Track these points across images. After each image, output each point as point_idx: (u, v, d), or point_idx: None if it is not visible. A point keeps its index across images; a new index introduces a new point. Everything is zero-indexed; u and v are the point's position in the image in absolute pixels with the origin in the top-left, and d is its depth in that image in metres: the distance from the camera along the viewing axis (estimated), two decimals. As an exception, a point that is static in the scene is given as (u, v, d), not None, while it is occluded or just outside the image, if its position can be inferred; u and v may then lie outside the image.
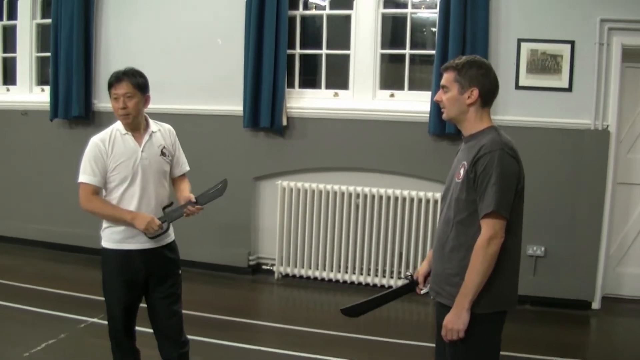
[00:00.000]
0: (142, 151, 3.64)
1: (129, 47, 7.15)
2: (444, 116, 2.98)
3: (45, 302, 5.78)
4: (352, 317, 3.40)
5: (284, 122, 6.61)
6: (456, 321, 2.76)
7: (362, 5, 6.55)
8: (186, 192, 3.88)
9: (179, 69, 6.97)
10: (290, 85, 6.83)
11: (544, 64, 5.98)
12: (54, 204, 7.61)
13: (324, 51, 6.82)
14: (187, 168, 4.03)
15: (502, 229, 2.71)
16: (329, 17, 6.81)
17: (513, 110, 5.98)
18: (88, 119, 7.28)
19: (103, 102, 7.21)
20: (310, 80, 7.00)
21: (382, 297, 3.28)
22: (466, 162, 2.81)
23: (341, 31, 6.75)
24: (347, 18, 6.66)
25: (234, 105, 6.73)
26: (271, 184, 6.84)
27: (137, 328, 3.81)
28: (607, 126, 5.94)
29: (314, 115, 6.66)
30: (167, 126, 3.92)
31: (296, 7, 6.79)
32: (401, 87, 6.58)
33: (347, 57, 6.69)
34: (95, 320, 5.35)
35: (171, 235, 3.87)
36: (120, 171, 3.59)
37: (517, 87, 6.03)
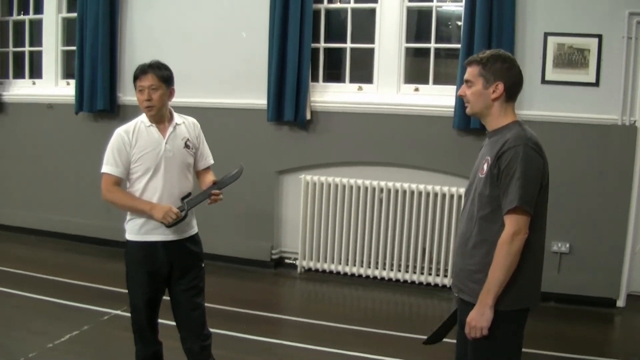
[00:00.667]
0: (165, 143, 3.66)
1: (154, 40, 7.17)
2: (468, 111, 2.95)
3: (68, 294, 5.83)
4: (435, 344, 3.32)
5: (308, 116, 6.59)
6: (480, 319, 2.74)
7: (387, -2, 6.52)
8: (208, 181, 3.89)
9: (203, 62, 6.98)
10: (315, 79, 6.81)
11: (571, 58, 5.91)
12: (78, 197, 7.67)
13: (349, 45, 6.80)
14: (212, 161, 4.04)
15: (526, 225, 2.68)
16: (354, 10, 6.78)
17: (539, 105, 5.92)
18: (113, 112, 7.32)
19: (128, 95, 7.25)
20: (334, 74, 6.98)
21: (452, 316, 3.19)
22: (490, 157, 2.78)
23: (366, 25, 6.72)
24: (372, 11, 6.63)
25: (258, 98, 6.73)
26: (295, 178, 6.84)
27: (159, 320, 3.82)
28: (635, 121, 5.86)
29: (337, 109, 6.63)
30: (192, 119, 3.95)
31: (321, 1, 6.77)
32: (426, 82, 6.54)
33: (372, 50, 6.65)
34: (118, 312, 5.39)
35: (194, 228, 3.88)
36: (143, 162, 3.61)
37: (543, 81, 5.96)
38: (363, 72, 6.76)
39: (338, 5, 6.93)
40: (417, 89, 6.52)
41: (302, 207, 6.71)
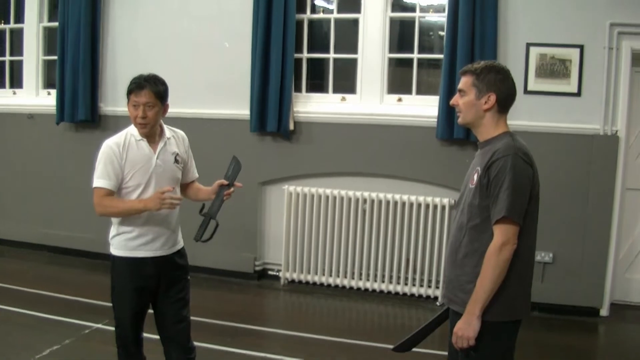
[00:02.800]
0: (156, 158, 3.61)
1: (136, 50, 7.15)
2: (460, 120, 2.95)
3: (49, 307, 5.77)
4: (404, 352, 3.31)
5: (291, 127, 6.58)
6: (467, 328, 2.72)
7: (370, 9, 6.53)
8: (204, 188, 3.94)
9: (186, 72, 6.94)
10: (298, 89, 6.81)
11: (553, 69, 5.94)
12: (58, 208, 7.61)
13: (332, 55, 6.80)
14: (197, 175, 4.03)
15: (515, 235, 2.68)
16: (337, 20, 6.79)
17: (522, 115, 5.92)
18: (94, 122, 7.26)
19: (109, 105, 7.22)
20: (317, 85, 6.98)
21: (426, 327, 3.16)
22: (479, 167, 2.78)
23: (349, 35, 6.73)
24: (355, 22, 6.64)
25: (241, 109, 6.71)
26: (278, 189, 6.81)
27: (143, 335, 3.78)
28: (617, 131, 5.90)
29: (321, 119, 6.63)
30: (181, 133, 3.88)
31: (304, 11, 6.77)
32: (409, 92, 6.55)
33: (355, 61, 6.66)
34: (100, 325, 5.34)
35: (180, 242, 3.87)
36: (134, 178, 3.55)
37: (526, 91, 5.98)
38: (346, 82, 6.77)
39: (321, 15, 6.93)
40: (400, 99, 6.52)
41: (285, 218, 6.68)
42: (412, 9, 6.59)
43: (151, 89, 3.55)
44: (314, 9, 6.89)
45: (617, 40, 5.84)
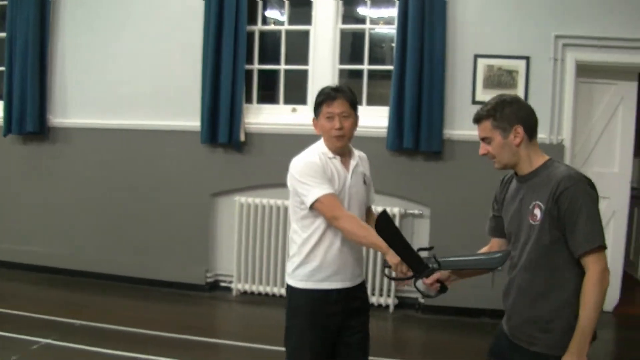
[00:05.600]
0: (350, 178, 3.31)
1: (86, 62, 7.09)
2: (497, 166, 2.86)
3: (-4, 323, 5.66)
4: (385, 225, 2.86)
5: (242, 138, 6.56)
6: None
7: (320, 21, 6.57)
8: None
9: (136, 84, 6.90)
10: (249, 100, 6.80)
11: (500, 79, 6.04)
12: (4, 221, 7.47)
13: (283, 66, 6.82)
14: (374, 200, 3.68)
15: (606, 260, 2.60)
16: (288, 32, 6.81)
17: (470, 125, 5.92)
18: (43, 134, 7.14)
19: (59, 117, 7.14)
20: (268, 96, 6.98)
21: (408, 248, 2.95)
22: (540, 201, 2.67)
23: (300, 47, 6.75)
24: (306, 33, 6.67)
25: (192, 120, 6.68)
26: (229, 200, 6.79)
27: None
28: (562, 140, 6.02)
29: (272, 130, 6.63)
30: (363, 154, 3.56)
31: (255, 22, 6.78)
32: (360, 103, 6.57)
33: (306, 72, 6.69)
34: (49, 341, 5.23)
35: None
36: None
37: (474, 102, 6.07)
38: (297, 93, 6.78)
39: (272, 27, 6.95)
40: (351, 110, 6.56)
41: (237, 230, 6.66)
42: (362, 21, 6.65)
43: (345, 98, 3.28)
44: (265, 21, 6.90)
45: (562, 52, 5.98)
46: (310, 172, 3.20)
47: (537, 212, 2.67)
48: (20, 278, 7.15)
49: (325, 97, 3.28)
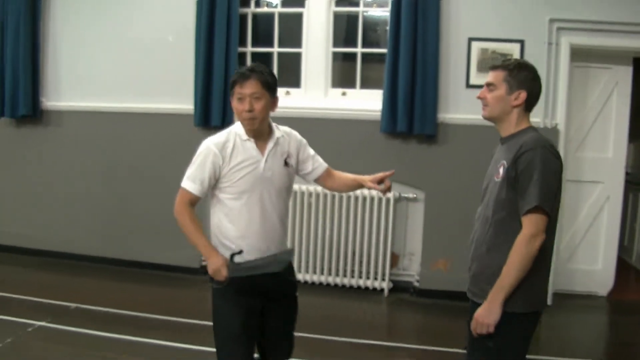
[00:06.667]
0: (265, 161, 3.24)
1: (79, 44, 7.05)
2: (485, 114, 2.98)
3: (-10, 306, 5.65)
4: None
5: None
6: (487, 315, 2.74)
7: (314, 3, 6.55)
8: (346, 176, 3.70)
9: (129, 67, 6.88)
10: (242, 83, 6.76)
11: (494, 63, 6.01)
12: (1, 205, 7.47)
13: (276, 49, 6.79)
14: (325, 165, 3.72)
15: (544, 227, 2.69)
16: (281, 15, 6.78)
17: (464, 108, 6.03)
18: (36, 117, 7.11)
19: (52, 100, 7.11)
20: (262, 79, 6.93)
21: None
22: (506, 160, 2.79)
23: (293, 29, 6.72)
24: (299, 16, 6.64)
25: (185, 103, 6.66)
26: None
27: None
28: (557, 125, 6.02)
29: (265, 113, 6.60)
30: (293, 132, 3.56)
31: (248, 5, 6.75)
32: (353, 86, 6.58)
33: (299, 55, 6.67)
34: (42, 323, 5.23)
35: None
36: (237, 184, 3.19)
37: (468, 85, 6.07)
38: (291, 76, 6.76)
39: (265, 9, 6.91)
40: (344, 93, 6.56)
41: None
42: (356, 3, 6.61)
43: (258, 78, 3.16)
44: (258, 3, 6.85)
45: (557, 36, 5.97)
46: (198, 158, 3.23)
47: (501, 170, 2.83)
48: (12, 261, 7.14)
49: (238, 77, 3.19)
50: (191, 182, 3.21)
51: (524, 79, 2.87)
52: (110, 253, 7.03)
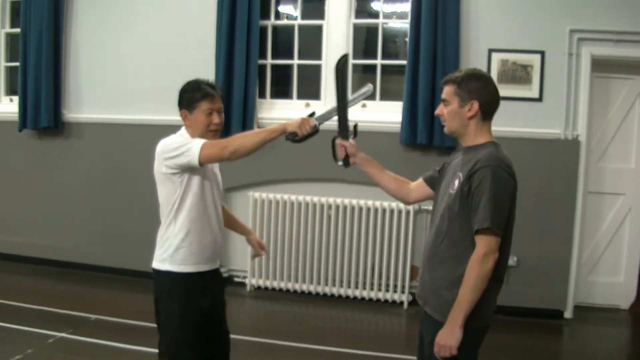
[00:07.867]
0: (212, 166, 3.61)
1: (101, 56, 7.11)
2: (446, 130, 2.97)
3: (10, 317, 5.65)
4: (342, 67, 3.49)
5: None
6: (449, 337, 2.71)
7: (333, 15, 6.56)
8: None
9: (150, 79, 6.92)
10: (262, 95, 6.81)
11: (515, 74, 6.01)
12: (20, 216, 7.52)
13: (296, 61, 6.81)
14: None
15: (497, 246, 2.68)
16: (301, 27, 6.80)
17: (484, 120, 6.01)
18: (57, 129, 7.18)
19: (72, 112, 7.17)
20: (281, 91, 6.98)
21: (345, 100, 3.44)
22: (461, 174, 2.79)
23: (313, 41, 6.75)
24: (319, 28, 6.66)
25: (206, 115, 6.67)
26: (243, 195, 6.79)
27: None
28: (578, 135, 5.98)
29: (285, 125, 6.60)
30: None
31: (267, 17, 6.78)
32: (373, 98, 6.57)
33: (319, 67, 6.69)
34: (63, 335, 5.25)
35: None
36: (196, 181, 3.45)
37: (489, 97, 6.04)
38: (310, 88, 6.78)
39: (285, 22, 6.94)
40: (364, 105, 6.55)
41: (251, 225, 6.64)
42: (375, 15, 6.63)
43: (220, 94, 3.46)
44: (278, 16, 6.89)
45: (577, 46, 5.94)
46: (181, 140, 3.40)
47: (456, 182, 2.81)
48: (31, 272, 7.20)
49: (206, 93, 3.39)
50: (198, 141, 3.37)
51: (474, 88, 2.83)
52: (129, 265, 7.01)
